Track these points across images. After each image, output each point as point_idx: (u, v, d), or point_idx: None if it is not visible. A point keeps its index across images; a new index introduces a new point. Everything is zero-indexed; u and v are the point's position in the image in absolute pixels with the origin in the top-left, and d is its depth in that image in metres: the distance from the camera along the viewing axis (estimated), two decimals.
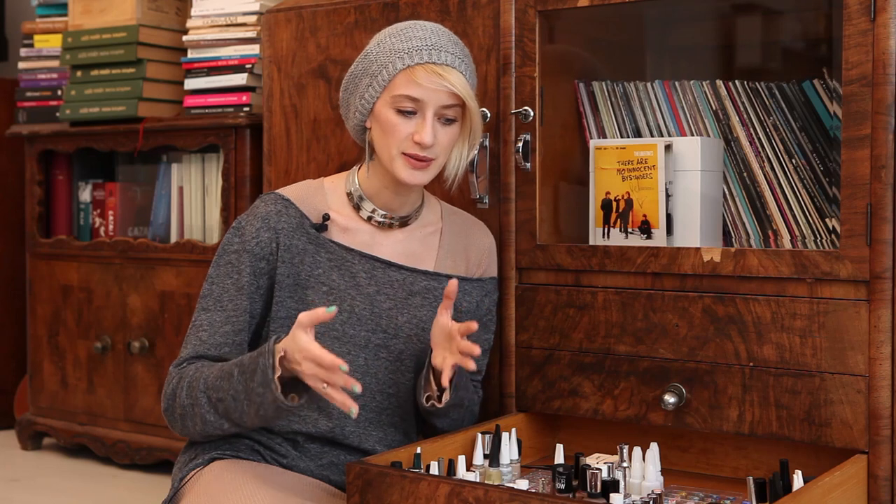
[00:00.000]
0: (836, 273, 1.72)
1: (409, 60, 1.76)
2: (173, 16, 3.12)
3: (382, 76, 1.78)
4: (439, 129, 1.78)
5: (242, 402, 1.66)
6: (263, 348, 1.64)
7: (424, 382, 1.81)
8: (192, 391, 1.72)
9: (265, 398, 1.62)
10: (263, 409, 1.64)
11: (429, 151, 1.77)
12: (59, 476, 2.99)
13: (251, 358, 1.66)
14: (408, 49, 1.77)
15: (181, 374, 1.75)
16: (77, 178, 3.29)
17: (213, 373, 1.71)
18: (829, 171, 1.96)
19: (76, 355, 3.12)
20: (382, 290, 1.85)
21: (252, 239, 1.80)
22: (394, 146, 1.78)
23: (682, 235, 1.97)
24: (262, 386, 1.62)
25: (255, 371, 1.63)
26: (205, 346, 1.78)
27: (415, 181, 1.79)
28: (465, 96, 1.77)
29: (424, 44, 1.77)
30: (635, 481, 1.71)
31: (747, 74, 2.22)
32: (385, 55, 1.78)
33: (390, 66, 1.77)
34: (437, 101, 1.76)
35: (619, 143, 2.01)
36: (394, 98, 1.77)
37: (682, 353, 1.85)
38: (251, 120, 2.77)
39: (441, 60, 1.76)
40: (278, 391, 1.60)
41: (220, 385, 1.68)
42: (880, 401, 1.69)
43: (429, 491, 1.52)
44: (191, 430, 1.75)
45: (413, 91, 1.76)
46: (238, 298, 1.79)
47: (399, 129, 1.77)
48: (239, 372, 1.66)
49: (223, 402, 1.68)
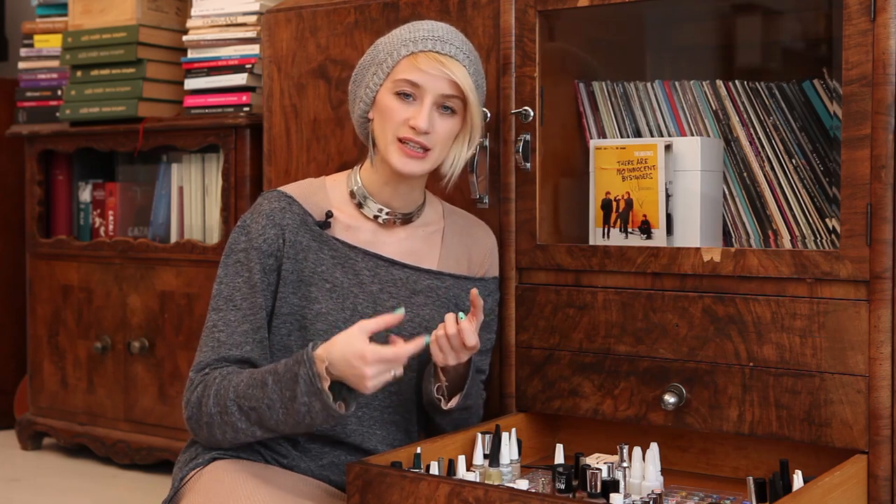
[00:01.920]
0: (836, 273, 1.72)
1: (414, 48, 1.78)
2: (173, 16, 3.12)
3: (387, 63, 1.79)
4: (437, 119, 1.78)
5: (278, 412, 1.64)
6: (300, 356, 1.62)
7: (434, 372, 1.81)
8: (220, 399, 1.69)
9: (312, 407, 1.61)
10: (310, 418, 1.62)
11: (425, 139, 1.77)
12: (59, 476, 2.99)
13: (286, 367, 1.64)
14: (414, 38, 1.79)
15: (205, 382, 1.72)
16: (77, 178, 3.29)
17: (244, 381, 1.68)
18: (829, 171, 1.96)
19: (76, 355, 3.12)
20: (385, 288, 1.85)
21: (259, 236, 1.80)
22: (390, 131, 1.78)
23: (682, 235, 1.97)
24: (307, 395, 1.60)
25: (294, 380, 1.61)
26: (225, 347, 1.75)
27: (407, 169, 1.78)
28: (465, 87, 1.77)
29: (431, 35, 1.79)
30: (635, 481, 1.71)
31: (747, 74, 2.22)
32: (392, 44, 1.80)
33: (395, 53, 1.79)
34: (436, 88, 1.77)
35: (619, 143, 2.01)
36: (395, 82, 1.78)
37: (682, 353, 1.85)
38: (251, 120, 2.77)
39: (445, 51, 1.78)
40: (330, 400, 1.59)
41: (251, 394, 1.66)
42: (880, 401, 1.69)
43: (429, 491, 1.52)
44: (219, 438, 1.72)
45: (414, 76, 1.76)
46: (252, 296, 1.77)
47: (396, 112, 1.78)
48: (273, 381, 1.64)
49: (256, 411, 1.66)
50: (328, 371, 1.61)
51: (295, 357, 1.64)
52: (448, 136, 1.81)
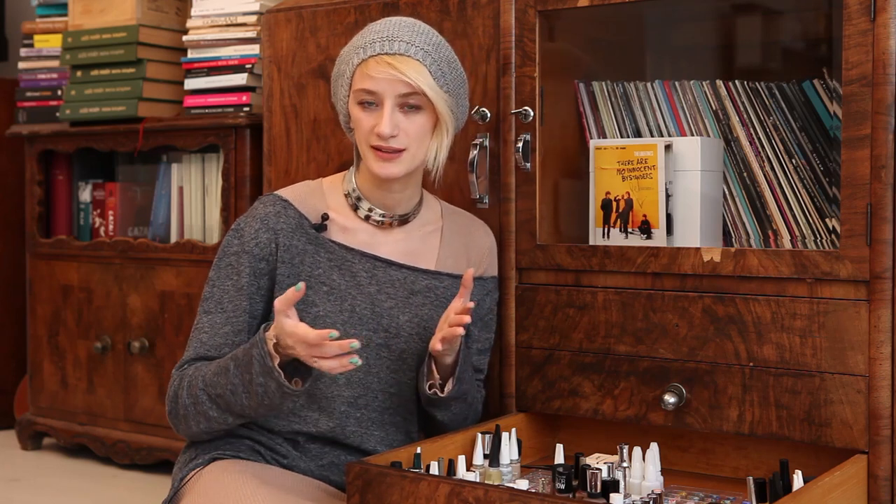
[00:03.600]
0: (836, 273, 1.72)
1: (363, 54, 1.77)
2: (173, 16, 3.12)
3: (346, 75, 1.80)
4: (402, 119, 1.77)
5: (241, 396, 1.67)
6: (255, 339, 1.65)
7: (427, 371, 1.81)
8: (192, 390, 1.73)
9: (268, 387, 1.63)
10: (268, 398, 1.65)
11: (395, 142, 1.77)
12: (59, 476, 2.99)
13: (244, 350, 1.67)
14: (363, 44, 1.78)
15: (181, 376, 1.77)
16: (77, 178, 3.29)
17: (211, 370, 1.72)
18: (829, 171, 1.96)
19: (76, 355, 3.12)
20: (383, 289, 1.85)
21: (251, 240, 1.80)
22: (362, 141, 1.80)
23: (682, 235, 1.97)
24: (262, 375, 1.63)
25: (250, 362, 1.64)
26: (205, 348, 1.79)
27: (386, 173, 1.78)
28: (417, 84, 1.74)
29: (379, 36, 1.77)
30: (635, 481, 1.71)
31: (747, 74, 2.22)
32: (347, 54, 1.81)
33: (350, 63, 1.79)
34: (392, 90, 1.76)
35: (619, 143, 2.01)
36: (355, 93, 1.79)
37: (682, 353, 1.85)
38: (251, 120, 2.77)
39: (393, 50, 1.75)
40: (282, 377, 1.61)
41: (217, 381, 1.70)
42: (880, 401, 1.69)
43: (429, 491, 1.52)
44: (195, 429, 1.76)
45: (367, 84, 1.76)
46: (238, 299, 1.79)
47: (363, 122, 1.78)
48: (234, 366, 1.67)
49: (223, 398, 1.70)
50: (276, 349, 1.63)
51: (251, 340, 1.66)
52: (420, 132, 1.79)
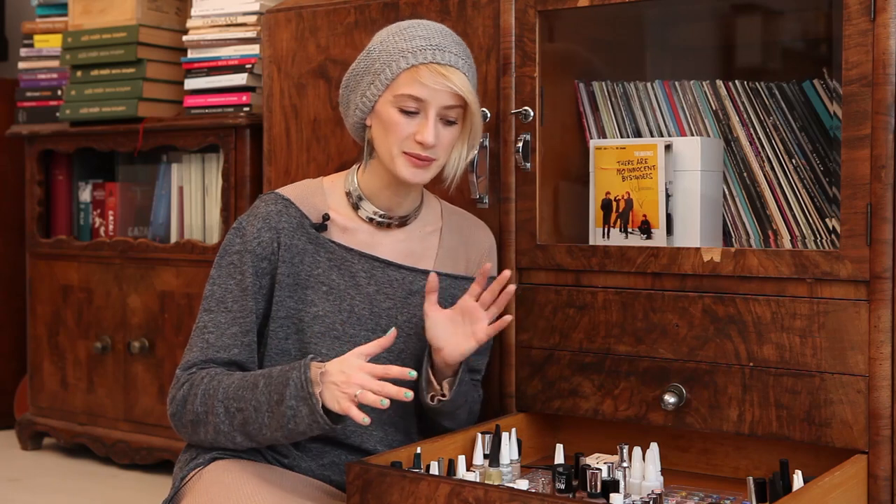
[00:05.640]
0: (836, 273, 1.72)
1: (414, 60, 1.75)
2: (173, 16, 3.12)
3: (386, 74, 1.77)
4: (441, 130, 1.78)
5: (264, 414, 1.65)
6: (297, 363, 1.63)
7: (426, 384, 1.81)
8: (207, 399, 1.70)
9: (299, 411, 1.61)
10: (294, 423, 1.62)
11: (430, 151, 1.77)
12: (59, 476, 2.99)
13: (281, 371, 1.65)
14: (412, 48, 1.76)
15: (192, 381, 1.73)
16: (77, 178, 3.29)
17: (235, 382, 1.69)
18: (829, 171, 1.96)
19: (76, 355, 3.12)
20: (382, 289, 1.85)
21: (253, 239, 1.80)
22: (395, 145, 1.78)
23: (682, 235, 1.97)
24: (295, 398, 1.61)
25: (285, 383, 1.62)
26: (213, 349, 1.76)
27: (416, 180, 1.79)
28: (468, 97, 1.77)
29: (429, 43, 1.77)
30: (635, 481, 1.71)
31: (747, 74, 2.22)
32: (389, 53, 1.78)
33: (394, 64, 1.77)
34: (439, 101, 1.76)
35: (619, 143, 2.01)
36: (397, 97, 1.77)
37: (682, 353, 1.85)
38: (251, 120, 2.77)
39: (445, 61, 1.76)
40: (319, 405, 1.60)
41: (241, 395, 1.67)
42: (880, 401, 1.69)
43: (429, 491, 1.52)
44: (202, 437, 1.74)
45: (417, 91, 1.76)
46: (243, 299, 1.78)
47: (401, 128, 1.77)
48: (265, 383, 1.65)
49: (242, 413, 1.67)
50: (322, 379, 1.62)
51: (292, 363, 1.65)
52: (451, 143, 1.81)
